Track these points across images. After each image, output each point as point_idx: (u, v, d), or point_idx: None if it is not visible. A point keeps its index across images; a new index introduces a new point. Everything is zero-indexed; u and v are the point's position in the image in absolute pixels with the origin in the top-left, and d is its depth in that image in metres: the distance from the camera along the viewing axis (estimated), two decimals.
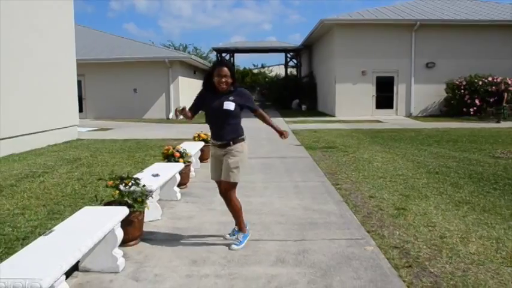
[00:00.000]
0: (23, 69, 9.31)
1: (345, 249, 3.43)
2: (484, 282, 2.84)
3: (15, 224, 4.04)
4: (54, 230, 2.75)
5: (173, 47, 41.46)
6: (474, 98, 17.77)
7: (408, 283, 2.84)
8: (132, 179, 3.56)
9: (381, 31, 18.54)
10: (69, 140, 11.24)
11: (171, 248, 3.51)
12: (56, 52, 10.84)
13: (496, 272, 3.00)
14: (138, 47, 21.27)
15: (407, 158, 7.89)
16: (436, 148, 9.39)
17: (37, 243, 2.55)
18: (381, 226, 4.00)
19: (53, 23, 10.70)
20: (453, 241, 3.60)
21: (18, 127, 9.03)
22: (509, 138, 11.25)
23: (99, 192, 5.13)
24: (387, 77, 19.06)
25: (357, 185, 5.67)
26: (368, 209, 4.56)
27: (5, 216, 4.30)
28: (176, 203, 4.88)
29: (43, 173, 6.48)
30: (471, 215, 4.36)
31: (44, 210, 4.49)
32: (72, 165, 7.26)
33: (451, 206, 4.69)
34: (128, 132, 13.55)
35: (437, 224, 4.04)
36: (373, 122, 16.60)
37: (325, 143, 10.11)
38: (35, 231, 3.83)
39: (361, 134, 12.18)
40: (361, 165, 7.15)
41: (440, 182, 5.90)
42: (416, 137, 11.43)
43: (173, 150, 5.43)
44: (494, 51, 18.66)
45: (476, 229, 3.92)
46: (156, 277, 2.96)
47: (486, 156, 8.32)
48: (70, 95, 11.76)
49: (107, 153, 8.72)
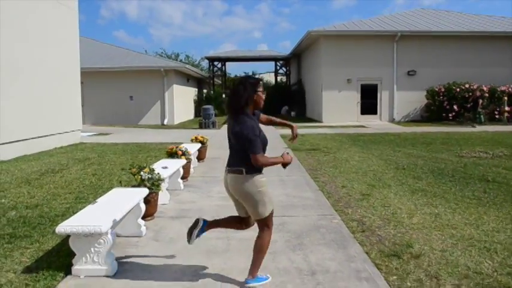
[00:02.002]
0: (35, 79, 10.20)
1: (315, 221, 4.40)
2: (415, 240, 3.83)
3: (51, 206, 4.95)
4: (97, 201, 3.68)
5: (165, 55, 42.50)
6: (452, 104, 18.95)
7: (359, 241, 3.81)
8: (149, 168, 4.50)
9: (364, 41, 19.69)
10: (74, 143, 12.09)
11: (179, 221, 4.45)
12: (63, 63, 11.74)
13: (426, 234, 4.00)
14: (134, 56, 22.20)
15: (381, 158, 8.92)
16: (410, 149, 10.44)
17: (87, 209, 3.48)
18: (347, 207, 4.99)
19: (61, 36, 11.61)
20: (401, 216, 4.60)
21: (30, 131, 9.89)
22: (478, 140, 12.36)
23: (114, 182, 6.04)
24: (371, 84, 20.18)
25: (332, 178, 6.66)
26: (339, 195, 5.55)
27: (40, 200, 5.20)
28: (180, 192, 5.81)
29: (60, 170, 7.37)
30: (422, 199, 5.36)
31: (71, 197, 5.41)
32: (83, 163, 8.15)
33: (408, 193, 5.70)
34: (126, 137, 14.42)
35: (392, 205, 5.03)
36: (358, 127, 17.67)
37: (310, 145, 11.11)
38: (69, 210, 4.74)
39: (343, 137, 13.22)
40: (339, 163, 8.15)
41: (404, 176, 6.92)
42: (394, 140, 12.49)
43: (176, 149, 6.37)
44: (471, 60, 19.89)
45: (422, 208, 4.92)
46: (171, 239, 3.91)
47: (452, 155, 9.38)
48: (74, 102, 12.63)
49: (112, 154, 9.62)
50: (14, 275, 3.12)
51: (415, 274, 3.12)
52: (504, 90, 19.02)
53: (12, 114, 9.19)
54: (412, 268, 3.23)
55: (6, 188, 5.91)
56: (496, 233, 4.04)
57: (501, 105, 18.94)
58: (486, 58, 19.90)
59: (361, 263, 3.32)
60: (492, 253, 3.53)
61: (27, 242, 3.77)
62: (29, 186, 6.07)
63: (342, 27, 20.30)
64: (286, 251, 3.58)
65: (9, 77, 9.10)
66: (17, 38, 9.43)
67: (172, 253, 3.58)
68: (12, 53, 9.26)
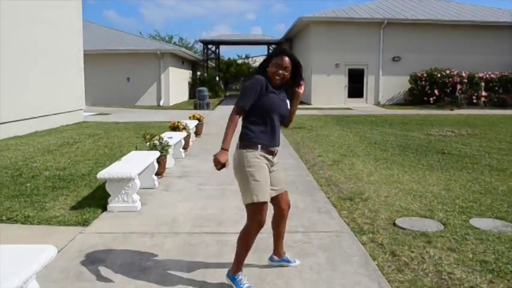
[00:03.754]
0: (46, 61, 11.10)
1: (293, 179, 5.52)
2: (367, 190, 4.96)
3: (76, 168, 6.00)
4: (121, 159, 4.75)
5: (159, 38, 42.97)
6: (434, 89, 20.10)
7: (324, 191, 4.95)
8: (159, 136, 5.57)
9: (352, 28, 20.65)
10: (78, 121, 13.06)
11: (184, 179, 5.54)
12: (69, 46, 12.61)
13: (377, 187, 5.14)
14: (132, 39, 22.94)
15: (358, 135, 10.06)
16: (386, 128, 11.58)
17: (116, 164, 4.54)
18: (320, 170, 6.11)
19: (67, 21, 12.46)
20: (362, 175, 5.73)
21: (41, 109, 10.84)
22: (451, 121, 13.54)
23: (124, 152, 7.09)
24: (358, 69, 21.24)
25: (312, 150, 7.78)
26: (314, 162, 6.67)
27: (66, 164, 6.26)
28: (182, 159, 6.90)
29: (75, 143, 8.39)
30: (382, 165, 6.50)
31: (91, 163, 6.46)
32: (93, 138, 9.18)
33: (372, 161, 6.84)
34: (125, 116, 15.38)
35: (356, 169, 6.17)
36: (344, 109, 18.78)
37: (296, 124, 12.20)
38: (91, 172, 5.80)
39: (329, 118, 14.33)
40: (320, 139, 9.27)
41: (373, 149, 8.06)
42: (374, 121, 13.62)
43: (178, 123, 7.42)
44: (452, 48, 20.99)
45: (380, 171, 6.06)
46: (178, 190, 5.01)
47: (422, 134, 10.54)
48: (78, 83, 13.55)
49: (116, 131, 10.63)
50: (64, 211, 4.19)
51: (360, 210, 4.26)
52: (482, 76, 20.18)
53: (28, 94, 10.12)
54: (360, 207, 4.36)
55: (33, 156, 6.93)
56: (431, 187, 5.19)
57: (479, 90, 20.11)
58: (467, 46, 21.01)
59: (323, 204, 4.46)
60: (422, 199, 4.68)
61: (66, 191, 4.84)
62: (52, 155, 7.10)
63: (332, 13, 21.21)
64: None
65: (28, 63, 10.01)
66: (29, 26, 10.29)
67: (180, 199, 4.68)
68: (31, 41, 10.13)
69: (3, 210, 4.10)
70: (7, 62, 9.30)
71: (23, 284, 1.99)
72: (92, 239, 3.49)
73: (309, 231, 3.69)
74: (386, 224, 3.88)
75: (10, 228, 3.71)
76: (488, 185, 5.38)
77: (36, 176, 5.50)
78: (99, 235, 3.59)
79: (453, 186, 5.27)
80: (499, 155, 7.64)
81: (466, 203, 4.55)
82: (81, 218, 3.94)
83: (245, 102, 2.52)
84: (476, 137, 10.02)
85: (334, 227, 3.78)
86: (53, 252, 2.27)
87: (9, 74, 9.35)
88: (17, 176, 5.46)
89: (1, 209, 4.14)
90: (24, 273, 1.99)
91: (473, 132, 10.86)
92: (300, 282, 2.76)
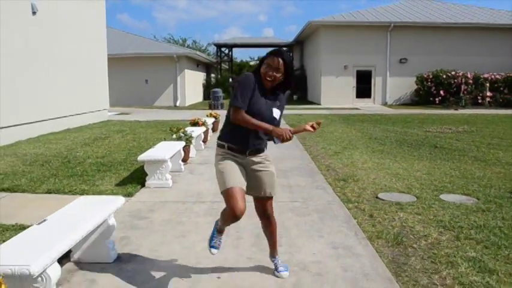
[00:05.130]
0: (76, 65, 12.25)
1: (297, 165, 6.48)
2: (359, 174, 5.88)
3: (112, 157, 7.05)
4: (154, 147, 5.76)
5: (173, 41, 44.31)
6: (439, 90, 20.81)
7: (323, 174, 5.89)
8: (184, 129, 6.58)
9: (360, 31, 21.49)
10: (103, 120, 14.19)
11: (205, 166, 6.54)
12: (95, 50, 13.77)
13: (368, 172, 6.05)
14: (149, 43, 24.17)
15: (360, 131, 10.95)
16: (388, 126, 12.43)
17: (151, 150, 5.56)
18: (322, 159, 7.05)
19: (92, 29, 13.61)
20: (358, 164, 6.65)
21: (72, 109, 11.98)
22: (451, 120, 14.30)
23: (151, 145, 8.12)
24: (366, 70, 22.06)
25: (316, 143, 8.72)
26: (318, 153, 7.61)
27: (104, 154, 7.32)
28: (201, 150, 7.91)
29: (106, 137, 9.48)
30: (377, 156, 7.41)
31: (124, 153, 7.50)
32: (121, 134, 10.26)
33: (369, 153, 7.74)
34: (145, 116, 16.50)
35: (353, 158, 7.09)
36: (352, 109, 19.63)
37: (304, 122, 13.04)
38: (126, 160, 6.83)
39: (336, 117, 15.22)
40: (325, 135, 10.19)
41: (372, 143, 8.95)
42: (379, 120, 14.47)
43: (198, 120, 8.44)
44: (458, 49, 21.65)
45: (374, 160, 6.97)
46: (201, 173, 6.01)
47: (421, 131, 11.37)
48: (103, 84, 14.70)
49: (140, 128, 11.71)
50: (111, 187, 5.21)
51: (351, 187, 5.19)
52: (487, 77, 20.82)
53: (62, 96, 11.28)
54: (351, 185, 5.29)
55: (73, 148, 8.02)
56: (415, 172, 6.09)
57: (483, 91, 20.76)
58: (472, 48, 21.65)
59: (320, 183, 5.41)
60: (405, 180, 5.59)
61: (109, 173, 5.88)
62: (89, 147, 8.18)
63: (340, 18, 22.08)
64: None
65: (60, 68, 11.16)
66: (61, 34, 11.45)
67: (202, 179, 5.67)
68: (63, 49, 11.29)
69: (64, 185, 5.15)
70: (44, 69, 10.44)
71: (106, 218, 3.00)
72: (137, 205, 4.51)
73: (307, 200, 4.65)
74: (370, 197, 4.81)
75: (74, 197, 4.73)
76: (466, 172, 6.24)
77: (82, 162, 6.57)
78: (142, 203, 4.61)
79: (435, 172, 6.16)
80: (486, 148, 8.46)
81: (441, 184, 5.44)
82: (125, 191, 4.95)
83: (242, 101, 2.50)
84: (471, 133, 10.81)
85: (327, 199, 4.74)
86: (122, 201, 3.29)
87: (46, 78, 10.49)
88: (66, 162, 6.53)
89: (63, 184, 5.19)
90: (106, 212, 3.00)
91: (469, 129, 11.64)
92: (297, 231, 3.72)
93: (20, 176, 5.56)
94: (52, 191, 4.96)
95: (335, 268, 3.00)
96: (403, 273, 2.95)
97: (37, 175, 5.66)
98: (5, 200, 4.64)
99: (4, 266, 2.04)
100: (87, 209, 2.97)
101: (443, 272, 2.97)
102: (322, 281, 2.82)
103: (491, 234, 3.66)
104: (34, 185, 5.17)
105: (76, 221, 2.70)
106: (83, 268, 2.96)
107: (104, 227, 3.00)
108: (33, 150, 7.60)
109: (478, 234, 3.67)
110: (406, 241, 3.51)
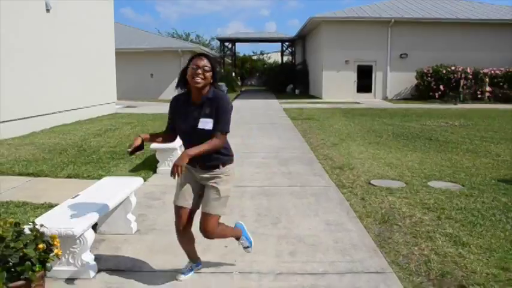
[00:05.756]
0: (86, 59, 12.68)
1: (297, 155, 6.91)
2: (355, 163, 6.31)
3: (124, 147, 7.49)
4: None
5: (177, 35, 44.65)
6: (439, 84, 21.11)
7: (321, 163, 6.32)
8: None
9: (361, 27, 21.79)
10: (111, 113, 14.63)
11: None
12: (104, 45, 14.19)
13: (364, 161, 6.48)
14: (154, 38, 24.58)
15: (359, 124, 11.35)
16: (387, 120, 12.82)
17: None
18: (320, 149, 7.48)
19: (103, 24, 14.03)
20: (354, 154, 7.08)
21: (83, 101, 12.43)
22: (449, 114, 14.66)
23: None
24: (367, 65, 22.39)
25: (316, 135, 9.15)
26: (317, 144, 8.04)
27: (116, 144, 7.77)
28: None
29: (116, 129, 9.93)
30: (373, 147, 7.83)
31: None
32: (130, 125, 10.71)
33: (366, 144, 8.16)
34: (151, 108, 16.93)
35: (350, 149, 7.52)
36: (352, 103, 19.99)
37: (306, 116, 13.56)
38: None
39: (336, 111, 15.62)
40: (325, 127, 10.61)
41: (369, 135, 9.36)
42: (378, 114, 14.84)
43: None
44: (458, 45, 21.91)
45: (370, 151, 7.40)
46: None
47: (418, 124, 11.76)
48: (111, 78, 15.14)
49: (147, 120, 12.15)
50: (125, 172, 5.67)
51: (346, 175, 5.62)
52: (487, 72, 21.10)
53: (73, 89, 11.73)
54: (346, 173, 5.73)
55: (86, 138, 8.47)
56: (408, 162, 6.51)
57: (483, 86, 21.06)
58: (472, 43, 21.90)
59: (318, 170, 5.85)
60: (397, 169, 6.01)
61: (123, 161, 6.33)
62: (101, 137, 8.63)
63: (342, 13, 22.38)
64: (278, 166, 6.11)
65: (73, 63, 11.61)
66: (73, 31, 11.87)
67: None
68: (74, 46, 11.72)
69: (82, 171, 5.61)
70: (57, 63, 10.88)
71: (128, 195, 3.45)
72: (150, 188, 4.96)
73: (305, 186, 5.09)
74: (363, 183, 5.24)
75: (92, 182, 5.19)
76: (457, 162, 6.65)
77: (96, 151, 7.02)
78: (154, 186, 5.06)
79: (426, 162, 6.58)
80: (479, 141, 8.85)
81: (430, 172, 5.87)
82: (139, 177, 5.39)
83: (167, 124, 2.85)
84: (466, 127, 11.19)
85: (323, 184, 5.18)
86: (141, 181, 3.75)
87: (58, 72, 10.93)
88: (82, 151, 6.99)
89: (81, 170, 5.64)
90: (128, 189, 3.45)
91: (466, 123, 12.01)
92: (295, 211, 4.16)
93: (42, 163, 6.03)
94: (72, 176, 5.42)
95: (327, 240, 3.45)
96: (386, 245, 3.39)
97: (57, 162, 6.12)
98: (31, 183, 5.11)
99: (52, 228, 2.49)
100: (112, 187, 3.42)
101: (422, 244, 3.41)
102: (316, 250, 3.26)
103: (469, 215, 4.09)
104: (55, 170, 5.63)
105: (104, 196, 3.15)
106: (109, 239, 3.42)
107: (126, 203, 3.45)
108: (50, 140, 8.07)
109: (458, 215, 4.10)
110: (392, 220, 3.95)
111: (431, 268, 2.99)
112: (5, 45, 8.67)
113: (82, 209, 2.85)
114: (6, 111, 8.64)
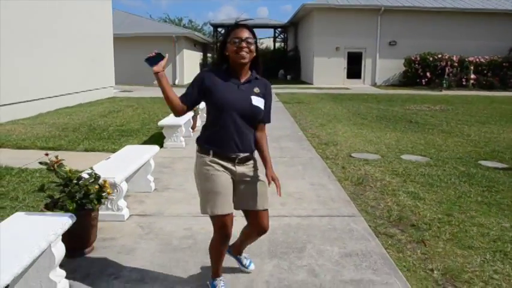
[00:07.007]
0: (86, 43, 13.23)
1: (289, 134, 7.69)
2: (339, 140, 7.11)
3: (129, 126, 8.19)
4: (170, 115, 6.92)
5: (170, 20, 44.80)
6: (426, 72, 21.95)
7: (309, 140, 7.11)
8: None
9: (352, 14, 22.45)
10: (110, 96, 15.22)
11: None
12: (102, 31, 14.71)
13: (347, 139, 7.28)
14: (149, 23, 25.00)
15: (346, 108, 12.15)
16: (373, 104, 13.62)
17: (166, 117, 6.71)
18: (309, 129, 8.27)
19: (101, 9, 14.53)
20: (339, 133, 7.87)
21: (84, 85, 13.02)
22: (432, 100, 15.51)
23: (161, 117, 9.27)
24: (356, 52, 23.12)
25: (305, 117, 9.92)
26: (306, 124, 8.82)
27: (122, 123, 8.47)
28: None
29: (119, 111, 10.59)
30: (357, 127, 8.62)
31: (138, 123, 8.65)
32: (131, 108, 11.37)
33: (351, 125, 8.96)
34: (147, 93, 17.51)
35: (336, 129, 8.31)
36: (342, 88, 20.77)
37: (297, 100, 14.31)
38: (142, 128, 7.98)
39: (326, 96, 16.39)
40: (314, 110, 11.38)
41: (355, 118, 10.16)
42: (366, 98, 15.63)
43: None
44: (446, 33, 22.70)
45: (353, 130, 8.19)
46: None
47: (402, 108, 12.58)
48: (109, 62, 15.69)
49: (147, 103, 12.80)
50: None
51: (330, 149, 6.42)
52: (472, 60, 21.96)
53: (75, 73, 12.31)
54: (330, 148, 6.52)
55: (93, 119, 9.14)
56: (386, 140, 7.32)
57: (468, 73, 21.94)
58: (460, 32, 22.70)
59: (306, 146, 6.64)
60: (375, 145, 6.82)
61: (131, 138, 7.05)
62: (106, 118, 9.31)
63: (333, 1, 22.95)
64: (270, 142, 6.79)
65: (74, 47, 12.17)
66: (73, 16, 12.39)
67: None
68: (74, 31, 12.25)
69: (97, 145, 6.33)
70: (59, 47, 11.44)
71: (148, 159, 4.20)
72: (160, 159, 5.70)
73: (294, 157, 5.88)
74: (345, 155, 6.04)
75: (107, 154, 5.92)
76: (430, 141, 7.48)
77: (106, 129, 7.73)
78: (163, 158, 5.80)
79: (402, 140, 7.39)
80: (455, 124, 9.69)
81: (405, 148, 6.69)
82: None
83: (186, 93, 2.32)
84: (446, 111, 12.04)
85: (310, 156, 5.97)
86: (157, 148, 4.48)
87: (60, 55, 11.50)
88: (92, 129, 7.69)
89: (96, 145, 6.36)
90: (149, 154, 4.19)
91: (446, 108, 12.87)
92: (285, 176, 4.94)
93: (59, 139, 6.73)
94: (88, 150, 6.14)
95: (311, 195, 4.24)
96: (358, 199, 4.19)
97: (72, 138, 6.82)
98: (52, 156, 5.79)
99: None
100: (135, 152, 4.16)
101: (388, 199, 4.22)
102: (302, 202, 4.06)
103: (430, 179, 4.91)
104: (73, 145, 6.35)
105: (130, 158, 3.90)
106: (133, 195, 4.17)
107: (147, 166, 4.20)
108: (59, 120, 8.74)
109: (420, 178, 4.93)
110: (366, 182, 4.76)
111: (392, 214, 3.80)
112: (10, 34, 9.24)
113: (116, 166, 3.59)
114: (21, 92, 9.24)
